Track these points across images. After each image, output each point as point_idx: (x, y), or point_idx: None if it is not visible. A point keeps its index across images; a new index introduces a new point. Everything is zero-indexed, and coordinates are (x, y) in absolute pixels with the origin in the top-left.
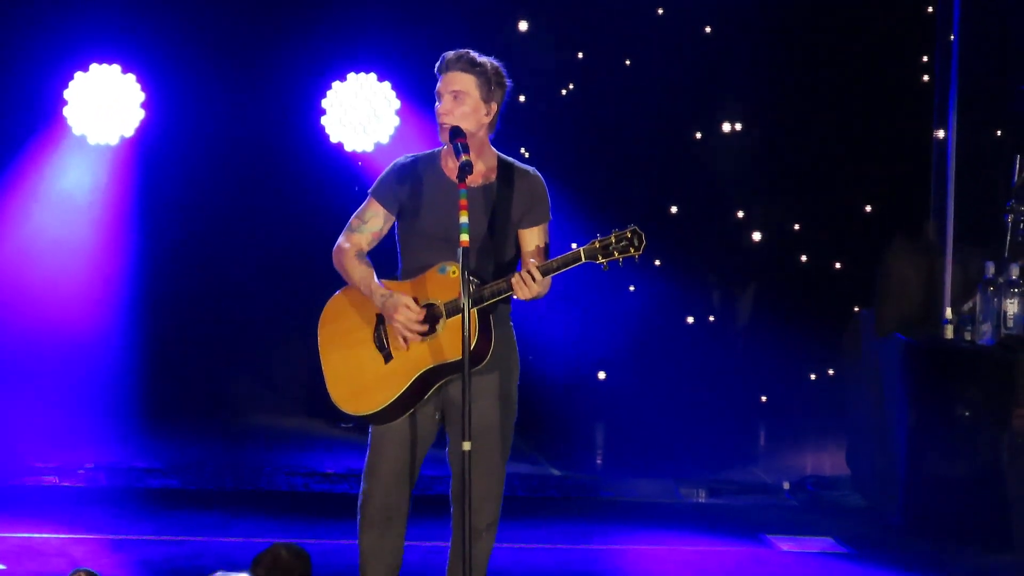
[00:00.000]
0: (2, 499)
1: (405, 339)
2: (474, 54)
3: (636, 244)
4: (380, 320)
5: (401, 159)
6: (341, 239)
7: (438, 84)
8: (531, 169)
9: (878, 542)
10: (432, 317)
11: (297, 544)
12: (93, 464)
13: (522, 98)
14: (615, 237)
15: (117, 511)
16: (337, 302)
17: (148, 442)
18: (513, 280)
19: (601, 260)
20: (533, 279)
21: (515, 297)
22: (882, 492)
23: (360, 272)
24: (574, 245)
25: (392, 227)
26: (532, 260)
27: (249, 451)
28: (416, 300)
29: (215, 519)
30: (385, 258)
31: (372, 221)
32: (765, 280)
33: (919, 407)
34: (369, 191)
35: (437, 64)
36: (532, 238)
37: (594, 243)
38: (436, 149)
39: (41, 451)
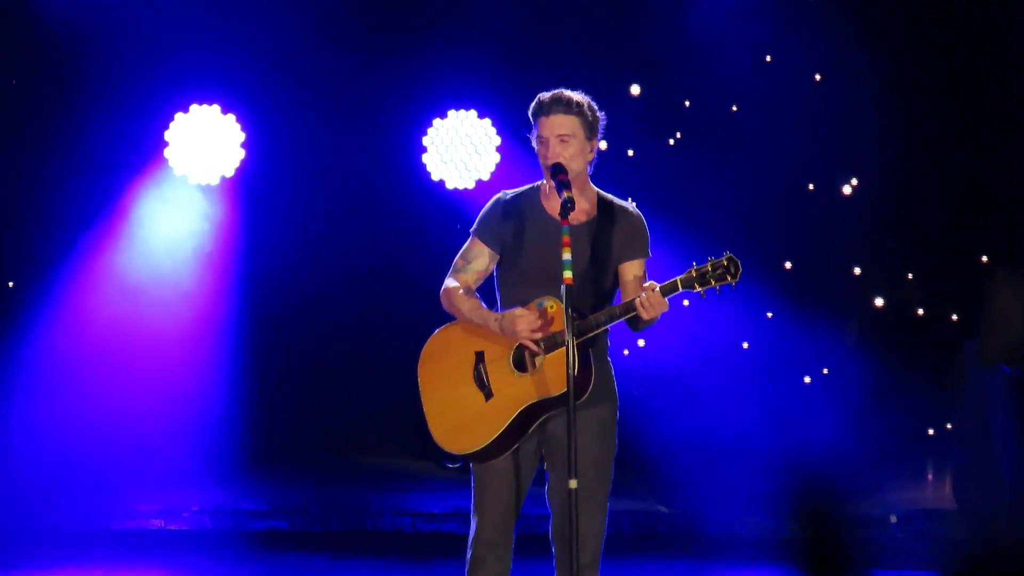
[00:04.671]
0: (108, 543)
1: (533, 348)
2: (569, 93)
3: (732, 271)
4: (479, 358)
5: (502, 196)
6: (448, 280)
7: (539, 127)
8: (631, 206)
9: (985, 575)
10: (532, 352)
11: None
12: (198, 507)
13: (630, 152)
14: (711, 265)
15: (223, 554)
16: (436, 342)
17: (253, 484)
18: (636, 302)
19: (698, 288)
20: (652, 301)
21: (642, 318)
22: (989, 524)
23: (468, 304)
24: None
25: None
26: (645, 284)
27: (354, 492)
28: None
29: (322, 561)
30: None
31: (477, 261)
32: (881, 333)
33: None
34: (472, 230)
35: (533, 107)
36: (632, 271)
37: (690, 272)
38: (535, 184)
39: (146, 494)
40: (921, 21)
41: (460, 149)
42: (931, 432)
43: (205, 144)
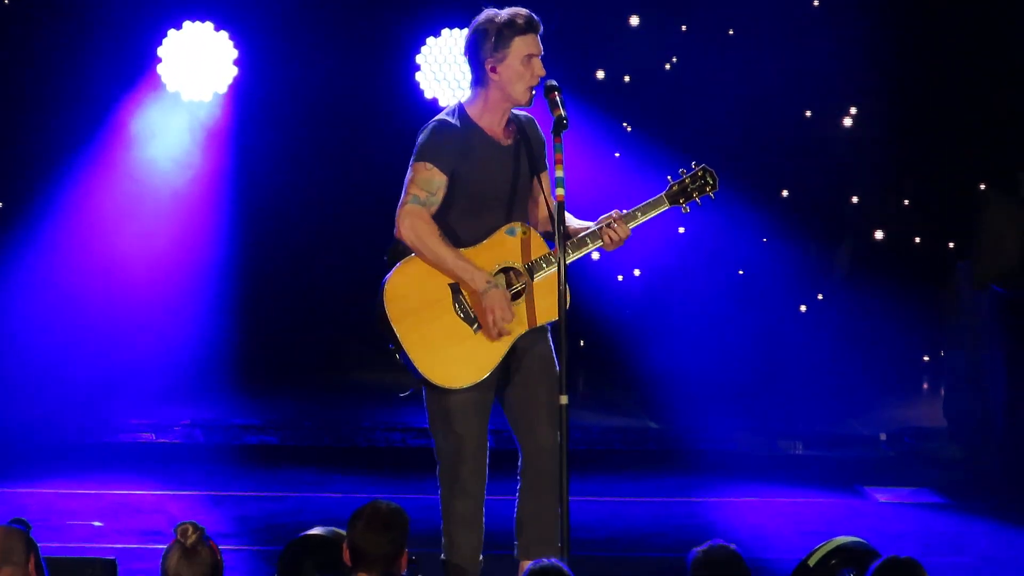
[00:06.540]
0: (99, 456)
1: (491, 332)
2: None
3: (711, 182)
4: (455, 290)
5: (443, 124)
6: (414, 212)
7: (526, 45)
8: (525, 113)
9: (975, 492)
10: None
11: (395, 502)
12: (190, 421)
13: (627, 78)
14: (689, 178)
15: (215, 468)
16: (402, 277)
17: (245, 399)
18: (603, 235)
19: (682, 202)
20: (620, 232)
21: (604, 250)
22: (979, 443)
23: (450, 253)
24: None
25: None
26: (615, 211)
27: (346, 407)
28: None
29: (313, 475)
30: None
31: (439, 192)
32: (878, 260)
33: (1016, 358)
34: (423, 159)
35: (525, 23)
36: (545, 182)
37: (672, 187)
38: (458, 105)
39: (138, 408)
40: None
41: (454, 67)
42: (927, 359)
43: (198, 61)
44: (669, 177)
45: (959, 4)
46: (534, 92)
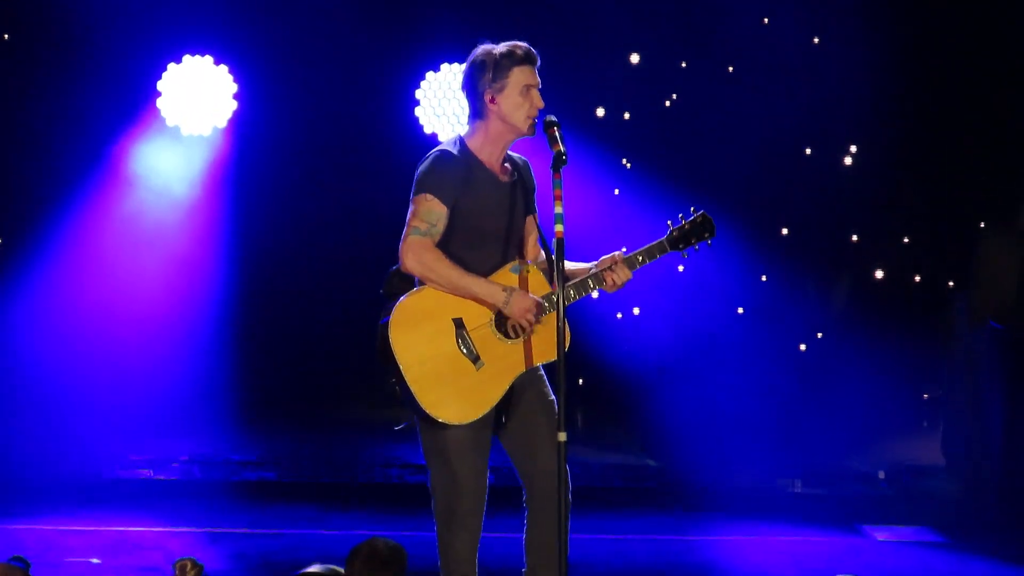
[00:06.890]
0: (97, 492)
1: (522, 328)
2: None
3: (710, 229)
4: (459, 324)
5: (444, 155)
6: (417, 243)
7: (525, 76)
8: (521, 156)
9: (974, 531)
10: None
11: (393, 539)
12: (188, 457)
13: (626, 115)
14: (688, 224)
15: (212, 504)
16: (407, 310)
17: (243, 435)
18: (604, 278)
19: (681, 248)
20: (622, 276)
21: (605, 291)
22: (978, 480)
23: (463, 276)
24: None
25: None
26: (617, 253)
27: (344, 443)
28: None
29: (311, 512)
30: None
31: (440, 224)
32: (878, 298)
33: (1015, 395)
34: (422, 190)
35: (523, 54)
36: (534, 224)
37: (672, 232)
38: (457, 139)
39: (136, 444)
40: None
41: (453, 103)
42: (926, 396)
43: (198, 95)
44: (669, 222)
45: (960, 44)
46: (535, 122)
